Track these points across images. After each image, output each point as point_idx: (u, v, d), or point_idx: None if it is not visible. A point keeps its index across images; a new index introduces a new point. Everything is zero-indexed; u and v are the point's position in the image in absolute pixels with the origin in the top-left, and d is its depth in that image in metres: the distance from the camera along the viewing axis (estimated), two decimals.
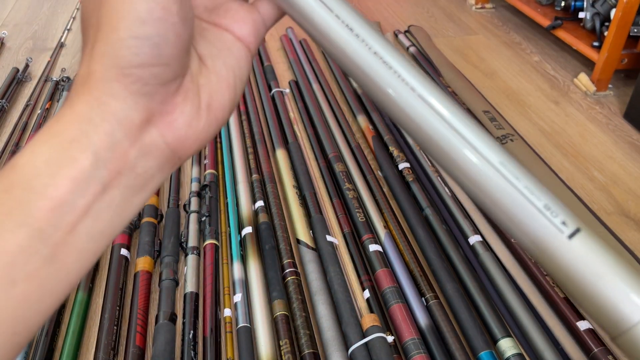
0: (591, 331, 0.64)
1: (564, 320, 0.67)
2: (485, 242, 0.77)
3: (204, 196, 0.85)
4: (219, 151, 0.98)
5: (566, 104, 1.19)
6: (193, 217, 0.81)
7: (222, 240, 0.78)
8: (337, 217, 0.84)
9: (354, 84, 1.19)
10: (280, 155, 0.96)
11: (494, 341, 0.64)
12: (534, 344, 0.64)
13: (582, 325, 0.65)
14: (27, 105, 1.15)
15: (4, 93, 1.18)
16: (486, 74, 1.32)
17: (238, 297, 0.69)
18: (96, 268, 0.74)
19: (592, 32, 1.26)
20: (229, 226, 0.80)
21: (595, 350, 0.62)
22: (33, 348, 0.64)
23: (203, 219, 0.80)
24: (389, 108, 0.21)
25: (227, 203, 0.85)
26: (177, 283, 0.72)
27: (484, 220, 0.82)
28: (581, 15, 1.27)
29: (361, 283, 0.72)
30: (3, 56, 1.39)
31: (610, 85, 1.23)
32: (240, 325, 0.65)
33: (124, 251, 0.75)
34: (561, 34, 1.31)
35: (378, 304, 0.69)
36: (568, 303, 0.68)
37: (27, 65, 1.31)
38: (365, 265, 0.75)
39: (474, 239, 0.78)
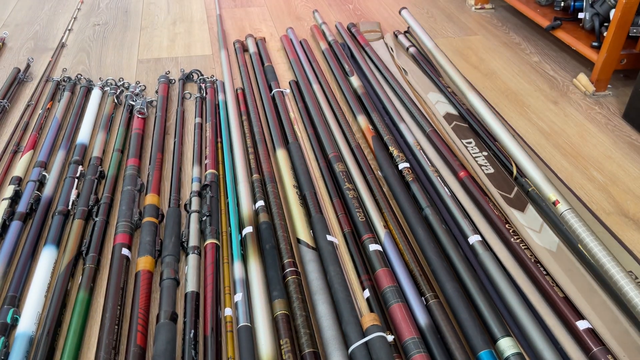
0: (590, 331, 0.64)
1: (563, 319, 0.67)
2: (484, 242, 0.78)
3: (204, 196, 0.85)
4: (219, 151, 0.98)
5: (565, 104, 1.19)
6: (194, 217, 0.81)
7: (223, 239, 0.79)
8: (337, 216, 0.84)
9: (354, 84, 1.20)
10: (281, 155, 0.96)
11: (494, 340, 0.65)
12: (533, 344, 0.65)
13: (582, 324, 0.65)
14: (28, 105, 1.15)
15: (6, 93, 1.18)
16: (486, 74, 1.32)
17: (239, 297, 0.69)
18: (97, 267, 0.75)
19: (591, 32, 1.26)
20: (230, 226, 0.80)
21: (595, 349, 0.63)
22: (34, 347, 0.64)
23: (204, 218, 0.81)
24: None
25: (227, 203, 0.85)
26: (178, 282, 0.72)
27: (484, 220, 0.82)
28: (580, 15, 1.28)
29: (361, 282, 0.73)
30: (4, 56, 1.39)
31: (609, 86, 1.23)
32: (241, 324, 0.66)
33: (125, 251, 0.75)
34: (560, 34, 1.32)
35: (378, 303, 0.70)
36: (567, 303, 0.68)
37: (28, 65, 1.31)
38: (365, 265, 0.75)
39: (473, 239, 0.78)
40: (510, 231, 0.79)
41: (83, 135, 1.02)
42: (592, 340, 0.63)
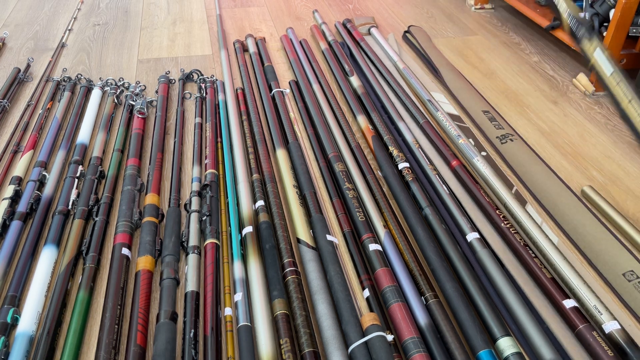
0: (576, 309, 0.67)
1: (551, 300, 0.70)
2: (482, 239, 0.78)
3: (204, 196, 0.85)
4: (219, 151, 0.98)
5: (565, 104, 1.19)
6: (194, 217, 0.81)
7: (223, 239, 0.79)
8: (337, 216, 0.84)
9: (354, 84, 1.20)
10: (281, 155, 0.96)
11: (493, 340, 0.65)
12: (531, 342, 0.65)
13: (568, 303, 0.67)
14: (28, 105, 1.15)
15: (6, 93, 1.18)
16: (485, 74, 1.32)
17: (239, 296, 0.69)
18: (97, 267, 0.75)
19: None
20: (230, 225, 0.80)
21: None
22: (34, 346, 0.64)
23: (204, 218, 0.81)
24: None
25: (227, 202, 0.85)
26: (178, 282, 0.72)
27: (482, 216, 0.83)
28: (580, 15, 1.27)
29: (361, 282, 0.73)
30: (4, 56, 1.39)
31: None
32: (241, 324, 0.66)
33: (125, 250, 0.75)
34: (560, 34, 1.32)
35: (378, 303, 0.70)
36: (554, 283, 0.70)
37: (28, 66, 1.31)
38: (365, 265, 0.75)
39: (471, 236, 0.78)
40: (501, 216, 0.81)
41: (83, 135, 1.03)
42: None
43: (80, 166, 0.93)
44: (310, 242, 0.78)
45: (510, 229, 0.78)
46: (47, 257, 0.75)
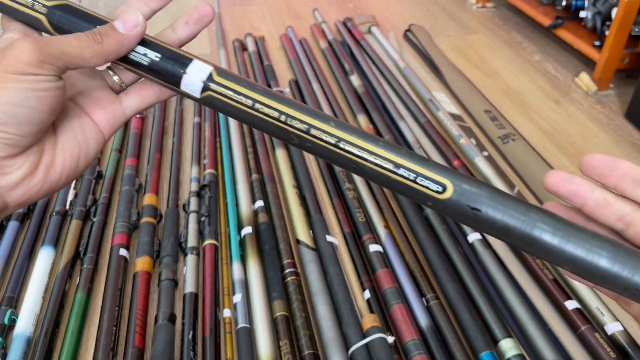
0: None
1: (553, 300, 0.69)
2: (484, 240, 0.77)
3: (203, 196, 0.85)
4: (218, 151, 0.97)
5: (567, 104, 1.18)
6: (192, 217, 0.80)
7: (222, 240, 0.78)
8: (337, 217, 0.83)
9: (354, 83, 1.19)
10: (280, 154, 0.96)
11: (495, 342, 0.64)
12: (533, 343, 0.64)
13: (570, 304, 0.67)
14: None
15: None
16: (487, 73, 1.31)
17: (238, 298, 0.69)
18: (95, 268, 0.74)
19: (593, 31, 1.26)
20: (229, 226, 0.80)
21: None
22: (32, 348, 0.63)
23: (202, 219, 0.80)
24: None
25: (226, 203, 0.84)
26: (176, 283, 0.72)
27: None
28: (582, 14, 1.27)
29: (361, 283, 0.72)
30: None
31: (611, 85, 1.22)
32: (240, 325, 0.65)
33: (123, 251, 0.75)
34: (562, 33, 1.31)
35: (378, 304, 0.69)
36: (556, 284, 0.69)
37: None
38: (365, 266, 0.75)
39: (473, 237, 0.77)
40: None
41: None
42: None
43: None
44: (310, 243, 0.77)
45: None
46: (44, 258, 0.74)
